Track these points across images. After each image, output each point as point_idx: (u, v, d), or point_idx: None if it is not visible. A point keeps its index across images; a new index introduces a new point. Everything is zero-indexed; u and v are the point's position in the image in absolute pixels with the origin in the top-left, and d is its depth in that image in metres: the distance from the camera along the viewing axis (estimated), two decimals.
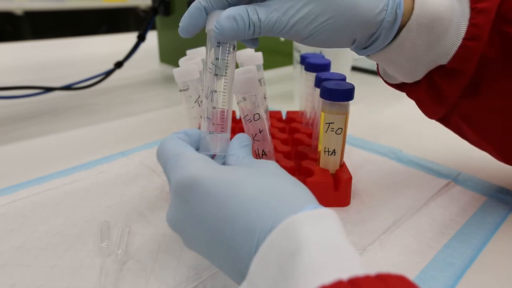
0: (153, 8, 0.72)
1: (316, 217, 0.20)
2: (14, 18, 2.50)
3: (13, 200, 0.37)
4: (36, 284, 0.27)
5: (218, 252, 0.23)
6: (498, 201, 0.38)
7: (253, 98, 0.35)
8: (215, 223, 0.22)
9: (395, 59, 0.32)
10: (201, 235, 0.23)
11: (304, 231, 0.19)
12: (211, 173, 0.24)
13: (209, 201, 0.23)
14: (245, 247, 0.21)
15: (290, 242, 0.19)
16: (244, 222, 0.21)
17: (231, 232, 0.22)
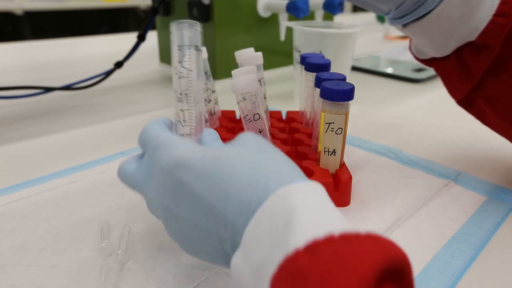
0: (153, 8, 0.72)
1: (306, 188, 0.21)
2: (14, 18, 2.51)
3: (13, 200, 0.37)
4: (36, 284, 0.27)
5: (208, 235, 0.23)
6: (498, 201, 0.38)
7: (253, 98, 0.35)
8: (209, 201, 0.22)
9: (429, 31, 0.34)
10: (192, 217, 0.23)
11: (296, 199, 0.20)
12: (203, 153, 0.24)
13: (202, 179, 0.23)
14: (240, 222, 0.21)
15: (283, 209, 0.20)
16: (238, 197, 0.22)
17: (225, 208, 0.22)
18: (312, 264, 0.17)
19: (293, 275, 0.17)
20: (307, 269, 0.17)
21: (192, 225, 0.23)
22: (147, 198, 0.26)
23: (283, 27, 0.74)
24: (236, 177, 0.23)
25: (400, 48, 1.14)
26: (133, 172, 0.28)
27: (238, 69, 0.38)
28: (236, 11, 0.75)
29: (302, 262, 0.17)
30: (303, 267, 0.17)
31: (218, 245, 0.23)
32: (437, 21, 0.33)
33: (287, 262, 0.18)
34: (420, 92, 0.75)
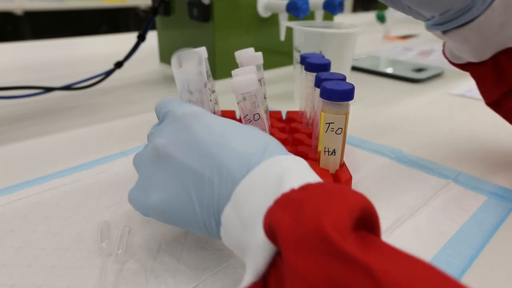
0: (153, 8, 0.72)
1: (295, 158, 0.25)
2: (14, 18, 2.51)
3: (13, 200, 0.37)
4: (36, 284, 0.28)
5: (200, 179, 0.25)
6: (498, 201, 0.38)
7: (253, 98, 0.35)
8: (210, 148, 0.25)
9: (469, 38, 0.35)
10: (190, 160, 0.25)
11: (287, 164, 0.23)
12: (214, 115, 0.28)
13: (208, 129, 0.26)
14: (236, 168, 0.24)
15: (276, 170, 0.23)
16: (241, 150, 0.25)
17: (225, 156, 0.25)
18: (306, 195, 0.21)
19: (289, 202, 0.21)
20: (302, 198, 0.20)
21: (186, 169, 0.25)
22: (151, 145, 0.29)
23: (283, 27, 0.74)
24: (243, 135, 0.26)
25: (400, 48, 1.14)
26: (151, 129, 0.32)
27: (238, 69, 0.38)
28: (236, 11, 0.75)
29: (297, 194, 0.21)
30: (299, 197, 0.21)
31: (206, 194, 0.25)
32: (479, 28, 0.34)
33: (283, 196, 0.21)
34: (420, 92, 0.75)
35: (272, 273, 0.21)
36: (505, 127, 0.49)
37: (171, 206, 0.26)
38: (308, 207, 0.20)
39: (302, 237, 0.19)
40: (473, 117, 0.61)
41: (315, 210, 0.19)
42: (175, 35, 0.84)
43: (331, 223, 0.18)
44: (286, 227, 0.19)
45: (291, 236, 0.19)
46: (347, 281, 0.17)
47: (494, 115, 0.44)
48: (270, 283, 0.21)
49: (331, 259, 0.17)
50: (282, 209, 0.20)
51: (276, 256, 0.21)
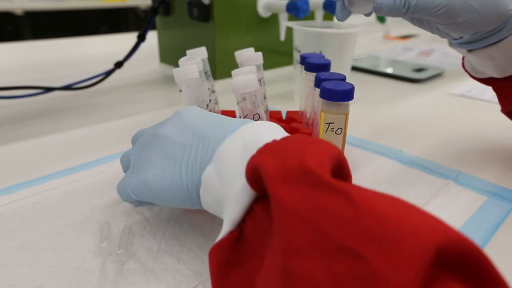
0: (153, 8, 0.72)
1: (273, 124, 0.27)
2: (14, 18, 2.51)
3: (13, 200, 0.37)
4: (36, 284, 0.28)
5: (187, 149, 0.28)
6: (498, 201, 0.38)
7: (253, 98, 0.35)
8: (197, 125, 0.29)
9: (495, 56, 0.37)
10: (182, 137, 0.29)
11: (263, 127, 0.26)
12: (203, 110, 0.32)
13: (198, 114, 0.31)
14: (216, 136, 0.27)
15: (254, 132, 0.26)
16: (221, 122, 0.29)
17: (209, 128, 0.28)
18: (288, 141, 0.23)
19: (272, 148, 0.23)
20: (284, 143, 0.23)
21: (177, 144, 0.29)
22: (149, 133, 0.32)
23: (283, 27, 0.74)
24: (221, 118, 0.30)
25: (400, 48, 1.14)
26: None
27: (238, 69, 0.38)
28: (236, 11, 0.75)
29: (279, 142, 0.23)
30: (281, 143, 0.23)
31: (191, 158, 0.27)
32: (506, 48, 0.36)
33: (266, 145, 0.23)
34: (420, 92, 0.75)
35: (249, 221, 0.22)
36: (505, 127, 0.49)
37: (160, 177, 0.28)
38: (291, 148, 0.22)
39: (287, 173, 0.20)
40: (473, 117, 0.61)
41: (298, 151, 0.22)
42: (175, 35, 0.84)
43: (314, 160, 0.21)
44: (272, 166, 0.21)
45: (277, 173, 0.21)
46: (330, 205, 0.18)
47: (494, 115, 0.44)
48: (246, 230, 0.23)
49: (315, 189, 0.19)
50: (266, 154, 0.23)
51: (253, 204, 0.23)
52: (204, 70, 0.46)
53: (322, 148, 0.22)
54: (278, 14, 0.76)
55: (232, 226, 0.23)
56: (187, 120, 0.30)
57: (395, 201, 0.19)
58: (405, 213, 0.17)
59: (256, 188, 0.22)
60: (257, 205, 0.22)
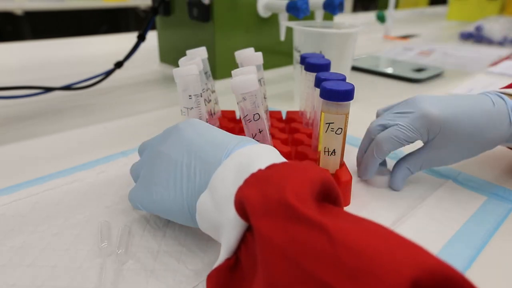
0: (153, 8, 0.72)
1: (266, 147, 0.28)
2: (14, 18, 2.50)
3: (13, 200, 0.37)
4: (36, 284, 0.28)
5: (186, 168, 0.29)
6: (498, 201, 0.38)
7: (253, 98, 0.35)
8: (194, 142, 0.30)
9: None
10: (179, 154, 0.29)
11: (256, 151, 0.27)
12: (202, 122, 0.33)
13: (194, 129, 0.31)
14: (214, 158, 0.28)
15: (246, 157, 0.26)
16: (217, 141, 0.29)
17: (205, 146, 0.29)
18: (271, 172, 0.24)
19: (256, 179, 0.23)
20: (267, 174, 0.23)
21: (174, 161, 0.29)
22: (151, 148, 0.34)
23: (283, 27, 0.74)
24: (221, 133, 0.30)
25: (400, 48, 1.14)
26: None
27: (238, 69, 0.38)
28: (236, 11, 0.75)
29: (263, 172, 0.24)
30: (264, 174, 0.24)
31: (190, 179, 0.28)
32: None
33: (251, 175, 0.24)
34: (420, 92, 0.75)
35: (243, 249, 0.23)
36: None
37: (165, 200, 0.29)
38: (272, 180, 0.22)
39: (268, 206, 0.21)
40: None
41: (279, 182, 0.22)
42: (175, 35, 0.84)
43: (293, 192, 0.21)
44: (254, 199, 0.22)
45: (258, 206, 0.21)
46: (306, 239, 0.19)
47: None
48: (242, 258, 0.23)
49: (293, 222, 0.20)
50: (250, 185, 0.23)
51: (246, 232, 0.23)
52: (204, 70, 0.46)
53: (304, 177, 0.22)
54: (278, 14, 0.76)
55: (228, 253, 0.24)
56: (188, 139, 0.30)
57: (373, 230, 0.19)
58: (381, 245, 0.18)
59: (245, 219, 0.23)
60: (249, 233, 0.23)
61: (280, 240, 0.19)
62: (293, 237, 0.19)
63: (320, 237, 0.18)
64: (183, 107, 0.36)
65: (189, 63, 0.40)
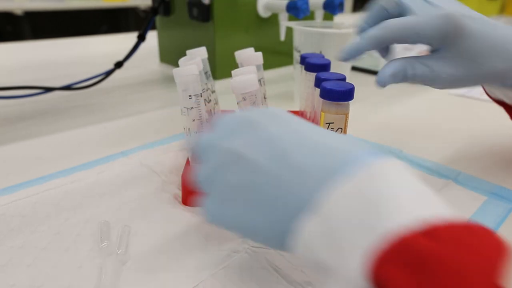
0: (153, 8, 0.72)
1: (401, 166, 0.20)
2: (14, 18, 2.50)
3: (13, 200, 0.37)
4: (36, 284, 0.28)
5: (274, 186, 0.22)
6: (498, 201, 0.38)
7: (253, 98, 0.35)
8: (287, 144, 0.22)
9: (508, 94, 0.38)
10: (264, 159, 0.22)
11: (396, 180, 0.19)
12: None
13: (290, 127, 0.24)
14: (317, 173, 0.20)
15: (380, 186, 0.18)
16: (332, 145, 0.21)
17: (306, 153, 0.21)
18: (434, 250, 0.16)
19: (407, 255, 0.16)
20: (427, 254, 0.16)
21: (260, 171, 0.22)
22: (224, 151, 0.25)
23: (283, 27, 0.74)
24: (325, 133, 0.23)
25: (400, 48, 1.14)
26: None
27: (238, 69, 0.38)
28: (236, 11, 0.75)
29: (421, 246, 0.16)
30: (423, 252, 0.16)
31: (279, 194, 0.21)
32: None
33: (402, 242, 0.16)
34: (420, 92, 0.75)
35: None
36: (505, 127, 0.49)
37: (249, 218, 0.23)
38: (438, 273, 0.15)
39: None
40: (473, 117, 0.61)
41: (451, 280, 0.15)
42: (175, 35, 0.84)
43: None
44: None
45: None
46: None
47: (493, 115, 0.44)
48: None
49: None
50: (398, 265, 0.16)
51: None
52: (204, 70, 0.46)
53: (491, 273, 0.15)
54: (278, 14, 0.76)
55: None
56: (275, 136, 0.23)
57: None
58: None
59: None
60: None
61: None
62: None
63: None
64: (183, 107, 0.36)
65: (189, 63, 0.40)
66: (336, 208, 0.19)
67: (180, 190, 0.39)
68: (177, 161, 0.45)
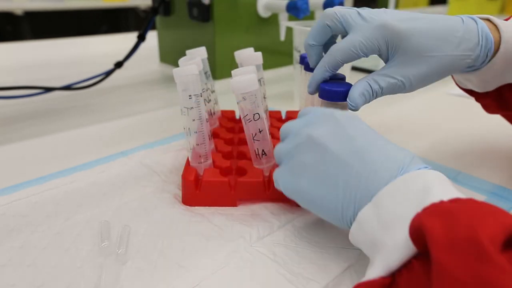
0: (153, 8, 0.72)
1: (438, 174, 0.27)
2: (14, 18, 2.50)
3: (13, 200, 0.37)
4: (36, 284, 0.28)
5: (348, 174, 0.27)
6: (497, 201, 0.38)
7: (253, 98, 0.35)
8: (363, 145, 0.28)
9: (472, 80, 0.39)
10: (343, 152, 0.28)
11: (431, 177, 0.26)
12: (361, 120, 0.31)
13: (361, 129, 0.30)
14: (387, 172, 0.26)
15: (420, 182, 0.25)
16: (391, 153, 0.28)
17: (377, 155, 0.27)
18: (458, 206, 0.22)
19: (439, 210, 0.22)
20: (453, 208, 0.22)
21: (337, 160, 0.28)
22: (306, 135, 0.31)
23: (283, 27, 0.74)
24: (389, 143, 0.29)
25: None
26: None
27: (238, 69, 0.38)
28: (236, 11, 0.75)
29: (448, 205, 0.22)
30: (450, 207, 0.22)
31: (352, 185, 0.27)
32: (480, 75, 0.38)
33: (432, 205, 0.23)
34: (420, 92, 0.74)
35: (404, 272, 0.22)
36: (505, 127, 0.49)
37: (315, 192, 0.29)
38: (461, 217, 0.21)
39: (454, 242, 0.20)
40: (472, 117, 0.61)
41: (469, 221, 0.21)
42: (175, 35, 0.84)
43: (486, 235, 0.19)
44: (438, 232, 0.21)
45: (443, 240, 0.20)
46: (498, 283, 0.18)
47: (493, 115, 0.44)
48: (400, 282, 0.22)
49: (484, 265, 0.18)
50: (433, 216, 0.22)
51: (412, 259, 0.22)
52: (204, 70, 0.46)
53: (497, 221, 0.21)
54: (278, 14, 0.76)
55: (386, 273, 0.23)
56: (352, 137, 0.29)
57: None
58: None
59: (418, 246, 0.22)
60: (416, 261, 0.22)
61: (468, 278, 0.19)
62: (482, 278, 0.18)
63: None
64: (183, 107, 0.36)
65: (189, 63, 0.40)
66: (387, 195, 0.25)
67: (180, 190, 0.39)
68: (177, 161, 0.45)
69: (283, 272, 0.29)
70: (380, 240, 0.24)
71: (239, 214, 0.36)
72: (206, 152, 0.38)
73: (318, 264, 0.30)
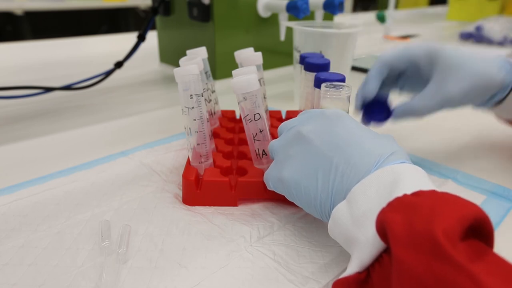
0: (153, 8, 0.72)
1: (412, 167, 0.27)
2: (14, 18, 2.51)
3: (14, 200, 0.37)
4: (37, 283, 0.28)
5: (328, 167, 0.28)
6: (497, 200, 0.38)
7: (253, 98, 0.35)
8: (344, 140, 0.29)
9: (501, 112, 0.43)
10: (325, 146, 0.29)
11: (404, 173, 0.25)
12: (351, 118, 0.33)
13: (346, 126, 0.31)
14: (363, 166, 0.27)
15: (390, 177, 0.25)
16: (369, 148, 0.28)
17: (355, 150, 0.28)
18: (419, 200, 0.23)
19: (401, 205, 0.23)
20: (414, 202, 0.22)
21: (319, 153, 0.29)
22: (295, 130, 0.33)
23: (283, 27, 0.74)
24: (375, 138, 0.30)
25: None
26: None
27: (239, 69, 0.38)
28: (236, 11, 0.75)
29: (409, 198, 0.23)
30: (411, 201, 0.23)
31: (330, 179, 0.28)
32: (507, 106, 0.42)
33: (396, 199, 0.23)
34: None
35: (377, 267, 0.23)
36: (505, 127, 0.49)
37: (297, 182, 0.30)
38: (420, 210, 0.21)
39: (412, 238, 0.20)
40: (472, 116, 0.61)
41: (427, 214, 0.21)
42: (175, 35, 0.84)
43: (442, 229, 0.20)
44: (398, 227, 0.21)
45: (401, 235, 0.21)
46: (452, 282, 0.18)
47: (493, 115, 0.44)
48: (374, 276, 0.23)
49: (439, 261, 0.19)
50: (394, 210, 0.23)
51: (383, 253, 0.23)
52: (204, 70, 0.46)
53: (456, 212, 0.21)
54: (278, 14, 0.76)
55: (360, 268, 0.24)
56: (336, 133, 0.30)
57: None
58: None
59: (385, 241, 0.22)
60: (386, 255, 0.23)
61: (423, 275, 0.19)
62: (437, 276, 0.19)
63: (469, 284, 0.18)
64: (184, 107, 0.36)
65: (190, 63, 0.40)
66: (359, 192, 0.26)
67: (180, 189, 0.39)
68: (177, 160, 0.45)
69: (283, 272, 0.29)
70: (354, 236, 0.25)
71: (239, 214, 0.36)
72: (206, 151, 0.38)
73: (319, 263, 0.30)
